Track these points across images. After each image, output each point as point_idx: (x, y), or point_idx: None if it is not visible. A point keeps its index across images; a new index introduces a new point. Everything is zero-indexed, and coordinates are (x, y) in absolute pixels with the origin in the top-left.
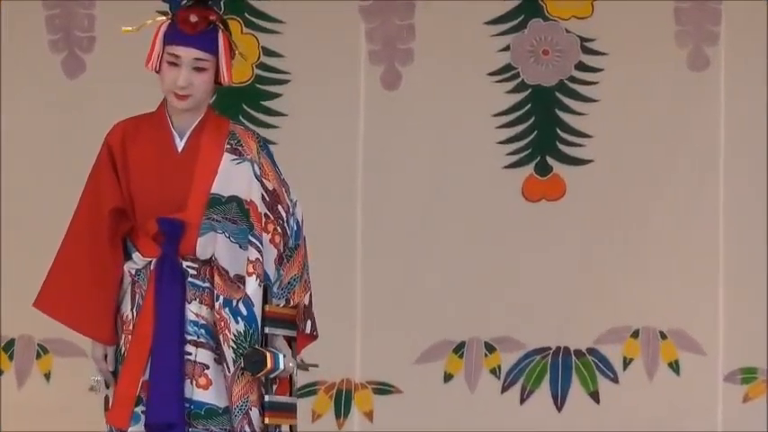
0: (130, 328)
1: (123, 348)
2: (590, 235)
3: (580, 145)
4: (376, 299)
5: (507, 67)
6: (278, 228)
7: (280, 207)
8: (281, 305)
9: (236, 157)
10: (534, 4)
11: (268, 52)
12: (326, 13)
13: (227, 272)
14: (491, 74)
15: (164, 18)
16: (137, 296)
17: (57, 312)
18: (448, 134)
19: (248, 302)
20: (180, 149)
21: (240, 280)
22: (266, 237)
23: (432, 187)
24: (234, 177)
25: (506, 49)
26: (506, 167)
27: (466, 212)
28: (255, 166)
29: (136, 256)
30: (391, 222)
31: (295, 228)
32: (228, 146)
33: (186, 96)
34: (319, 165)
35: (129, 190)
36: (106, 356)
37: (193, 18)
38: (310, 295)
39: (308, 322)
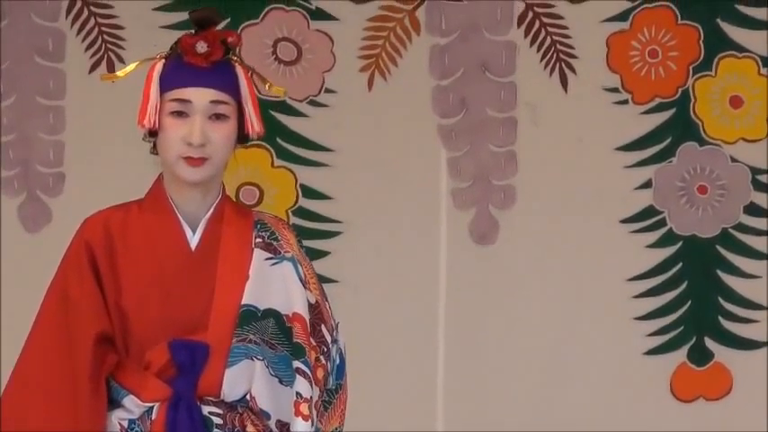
0: None
1: None
2: None
3: (752, 320)
4: None
5: (649, 212)
6: (321, 358)
7: (323, 328)
8: None
9: (270, 255)
10: (686, 121)
11: (310, 193)
12: (392, 135)
13: (266, 416)
14: (625, 221)
15: (156, 57)
16: None
17: None
18: (565, 307)
19: None
20: (193, 246)
21: (283, 429)
22: None
23: (543, 380)
24: (271, 284)
25: (647, 185)
26: (648, 353)
27: (591, 414)
28: (300, 267)
29: (130, 401)
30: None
31: (338, 361)
32: (259, 239)
33: (203, 160)
34: (384, 348)
35: (119, 306)
36: None
37: (202, 47)
38: None
39: None
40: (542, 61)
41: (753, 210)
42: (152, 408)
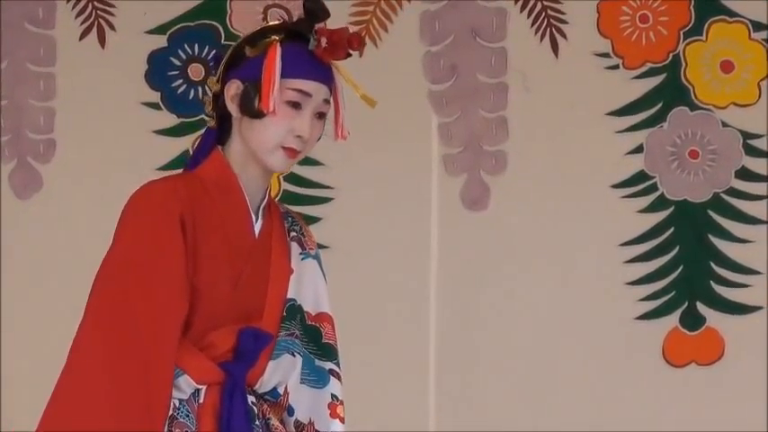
0: None
1: None
2: (761, 415)
3: (744, 285)
4: None
5: (640, 177)
6: None
7: None
8: None
9: (301, 249)
10: (677, 86)
11: (303, 159)
12: (383, 102)
13: (290, 412)
14: (617, 186)
15: (272, 40)
16: None
17: None
18: (557, 272)
19: None
20: (257, 233)
21: (298, 427)
22: None
23: (535, 344)
24: (303, 280)
25: (638, 150)
26: (640, 318)
27: (582, 380)
28: (323, 266)
29: (184, 380)
30: (483, 401)
31: None
32: (293, 233)
33: (298, 153)
34: (375, 314)
35: (193, 283)
36: None
37: (324, 42)
38: None
39: None
40: (533, 27)
41: (744, 174)
42: (197, 390)
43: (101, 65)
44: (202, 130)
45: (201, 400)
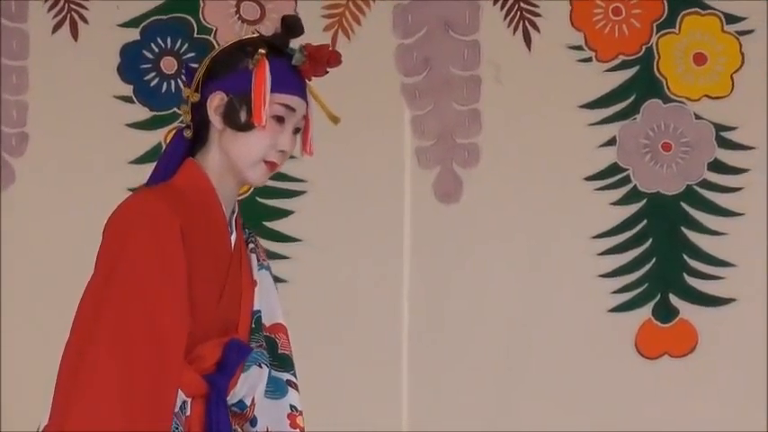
0: None
1: None
2: (733, 407)
3: (717, 277)
4: None
5: (612, 169)
6: None
7: None
8: None
9: (258, 261)
10: (650, 79)
11: None
12: (356, 94)
13: (253, 423)
14: (589, 178)
15: (258, 54)
16: None
17: None
18: (529, 264)
19: None
20: (232, 246)
21: None
22: None
23: (508, 337)
24: (260, 290)
25: (611, 143)
26: (612, 310)
27: (555, 373)
28: (272, 277)
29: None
30: (455, 394)
31: None
32: (251, 244)
33: (276, 166)
34: (348, 307)
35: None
36: None
37: (309, 58)
38: None
39: None
40: (506, 20)
41: (717, 166)
42: (184, 402)
43: (73, 58)
44: (174, 124)
45: (188, 413)
